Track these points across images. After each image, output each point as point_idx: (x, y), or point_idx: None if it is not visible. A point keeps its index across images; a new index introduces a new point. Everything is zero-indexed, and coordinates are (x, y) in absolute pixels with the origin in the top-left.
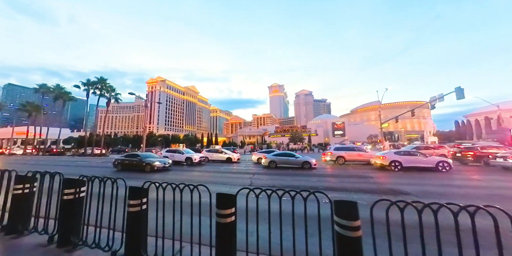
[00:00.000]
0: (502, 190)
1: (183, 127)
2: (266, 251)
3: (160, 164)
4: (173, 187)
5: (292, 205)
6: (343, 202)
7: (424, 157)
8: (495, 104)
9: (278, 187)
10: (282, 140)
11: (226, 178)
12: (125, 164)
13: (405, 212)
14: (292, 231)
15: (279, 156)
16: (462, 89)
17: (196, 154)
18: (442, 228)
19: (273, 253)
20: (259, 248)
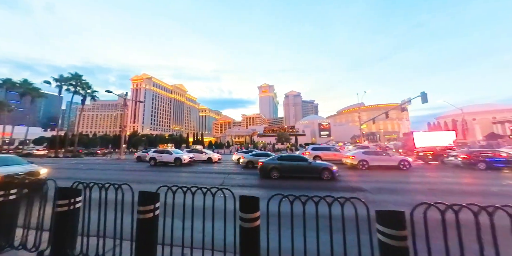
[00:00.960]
0: (441, 185)
1: (170, 126)
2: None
3: None
4: (115, 187)
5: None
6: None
7: (388, 156)
8: (459, 108)
9: (246, 185)
10: (270, 140)
11: (199, 178)
12: None
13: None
14: (207, 224)
15: (256, 156)
16: (425, 94)
17: (186, 154)
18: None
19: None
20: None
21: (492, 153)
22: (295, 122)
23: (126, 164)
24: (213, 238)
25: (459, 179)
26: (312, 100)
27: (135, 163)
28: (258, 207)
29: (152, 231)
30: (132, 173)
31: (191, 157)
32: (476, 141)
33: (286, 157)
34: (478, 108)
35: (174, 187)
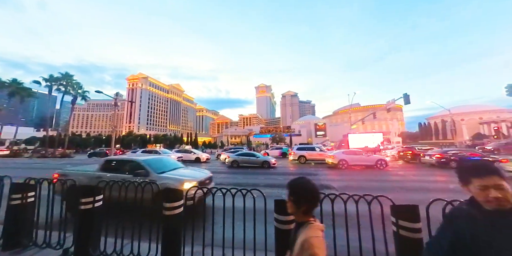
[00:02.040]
0: (406, 183)
1: (166, 127)
2: None
3: None
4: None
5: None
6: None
7: (367, 156)
8: (447, 109)
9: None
10: (266, 140)
11: None
12: None
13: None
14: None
15: (242, 156)
16: (408, 95)
17: (174, 154)
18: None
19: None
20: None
21: (464, 153)
22: (291, 122)
23: None
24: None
25: (426, 177)
26: (309, 101)
27: None
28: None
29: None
30: None
31: (178, 156)
32: (463, 141)
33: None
34: (466, 109)
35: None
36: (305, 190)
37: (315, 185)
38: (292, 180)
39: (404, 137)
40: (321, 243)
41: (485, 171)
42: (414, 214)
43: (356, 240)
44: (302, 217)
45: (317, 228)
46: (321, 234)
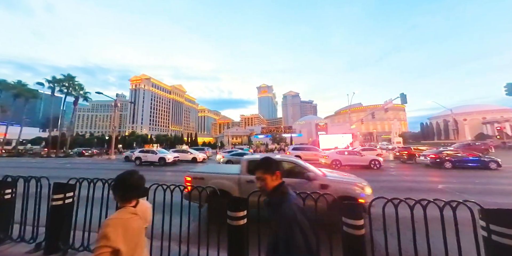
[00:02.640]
0: (395, 183)
1: (169, 127)
2: None
3: None
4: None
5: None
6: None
7: (360, 156)
8: (449, 109)
9: None
10: (266, 141)
11: (172, 176)
12: None
13: None
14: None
15: (236, 156)
16: (405, 95)
17: (170, 154)
18: None
19: None
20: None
21: (457, 153)
22: (293, 122)
23: (112, 164)
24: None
25: (416, 177)
26: (311, 101)
27: (122, 163)
28: None
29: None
30: (113, 172)
31: (175, 156)
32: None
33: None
34: (469, 109)
35: None
36: (119, 179)
37: (134, 177)
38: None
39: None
40: (116, 224)
41: (256, 166)
42: (356, 211)
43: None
44: (119, 202)
45: (126, 211)
46: (126, 216)
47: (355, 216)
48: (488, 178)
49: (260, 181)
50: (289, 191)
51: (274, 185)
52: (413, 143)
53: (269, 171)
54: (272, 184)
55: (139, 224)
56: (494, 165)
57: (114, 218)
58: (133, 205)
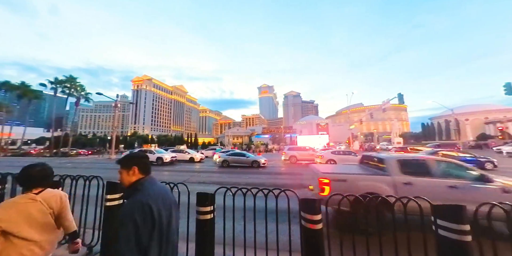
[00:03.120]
0: None
1: (170, 127)
2: None
3: None
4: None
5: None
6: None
7: (355, 156)
8: (450, 109)
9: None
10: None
11: (170, 176)
12: None
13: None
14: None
15: (232, 156)
16: (402, 95)
17: (168, 154)
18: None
19: None
20: None
21: (450, 154)
22: (294, 122)
23: (111, 163)
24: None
25: None
26: (312, 101)
27: None
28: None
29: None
30: (110, 171)
31: (172, 156)
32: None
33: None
34: (471, 109)
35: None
36: (21, 170)
37: (35, 169)
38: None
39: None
40: (8, 206)
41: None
42: (314, 207)
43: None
44: (22, 189)
45: (24, 197)
46: (22, 200)
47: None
48: None
49: (119, 176)
50: (144, 188)
51: (130, 180)
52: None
53: (125, 166)
54: (128, 179)
55: (39, 209)
56: (490, 165)
57: (8, 201)
58: (35, 192)
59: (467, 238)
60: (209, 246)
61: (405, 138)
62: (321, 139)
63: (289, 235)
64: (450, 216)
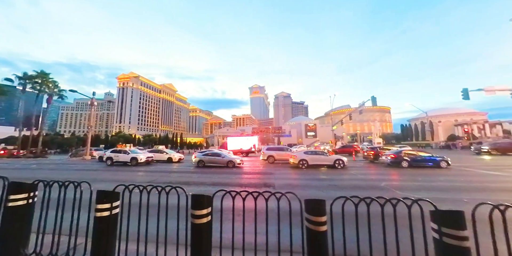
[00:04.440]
0: (342, 181)
1: (158, 127)
2: None
3: None
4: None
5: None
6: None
7: (326, 156)
8: (424, 112)
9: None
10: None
11: (133, 176)
12: None
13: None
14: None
15: (207, 156)
16: (375, 98)
17: (143, 154)
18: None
19: None
20: None
21: (414, 153)
22: (284, 123)
23: (83, 164)
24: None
25: (369, 176)
26: (302, 102)
27: (94, 163)
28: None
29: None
30: (78, 172)
31: (148, 156)
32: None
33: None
34: (443, 112)
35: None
36: None
37: None
38: None
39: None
40: None
41: None
42: (319, 208)
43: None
44: None
45: None
46: None
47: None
48: (431, 176)
49: None
50: None
51: None
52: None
53: None
54: None
55: None
56: (445, 164)
57: None
58: None
59: (467, 244)
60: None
61: (386, 138)
62: (249, 140)
63: (278, 236)
64: (451, 223)
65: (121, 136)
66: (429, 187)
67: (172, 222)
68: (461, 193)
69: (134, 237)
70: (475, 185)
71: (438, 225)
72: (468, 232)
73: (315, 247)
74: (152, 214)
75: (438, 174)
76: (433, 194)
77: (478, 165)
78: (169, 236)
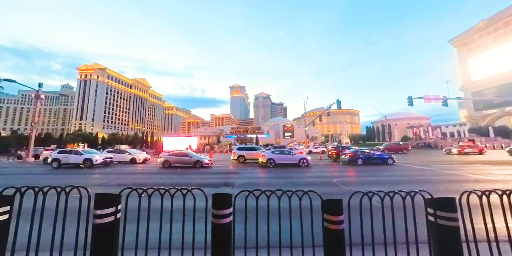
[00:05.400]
0: (300, 179)
1: (129, 125)
2: None
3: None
4: None
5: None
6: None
7: (292, 155)
8: (384, 115)
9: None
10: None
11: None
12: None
13: None
14: None
15: (174, 156)
16: (339, 101)
17: (100, 155)
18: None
19: None
20: None
21: (367, 151)
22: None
23: (21, 168)
24: None
25: (327, 173)
26: (281, 103)
27: (38, 166)
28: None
29: None
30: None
31: (105, 157)
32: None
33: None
34: (399, 116)
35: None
36: None
37: None
38: None
39: (356, 138)
40: None
41: None
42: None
43: None
44: None
45: None
46: None
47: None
48: (378, 172)
49: None
50: None
51: None
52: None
53: None
54: None
55: None
56: (391, 161)
57: None
58: None
59: (457, 224)
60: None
61: (354, 139)
62: (185, 141)
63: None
64: (446, 207)
65: (79, 134)
66: (370, 182)
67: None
68: (394, 186)
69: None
70: (407, 178)
71: (433, 209)
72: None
73: (217, 242)
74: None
75: (384, 170)
76: (373, 187)
77: (416, 162)
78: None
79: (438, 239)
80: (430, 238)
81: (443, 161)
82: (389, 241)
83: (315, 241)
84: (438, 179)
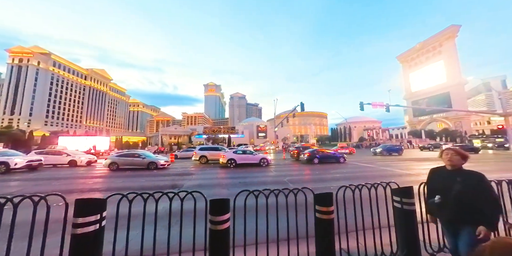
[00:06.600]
0: (259, 178)
1: (82, 122)
2: None
3: None
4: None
5: None
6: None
7: (253, 155)
8: (345, 118)
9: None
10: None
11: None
12: None
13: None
14: None
15: (123, 157)
16: (303, 104)
17: (23, 157)
18: None
19: None
20: None
21: (323, 151)
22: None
23: None
24: None
25: (283, 172)
26: (256, 104)
27: None
28: None
29: None
30: None
31: (31, 160)
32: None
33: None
34: (357, 119)
35: None
36: None
37: None
38: None
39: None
40: None
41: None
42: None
43: None
44: None
45: None
46: None
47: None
48: (329, 170)
49: None
50: None
51: None
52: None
53: None
54: None
55: None
56: (342, 160)
57: None
58: None
59: (414, 208)
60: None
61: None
62: (87, 141)
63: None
64: (406, 194)
65: (4, 132)
66: (317, 179)
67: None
68: (335, 182)
69: None
70: (349, 175)
71: (400, 197)
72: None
73: (216, 247)
74: None
75: (335, 168)
76: (317, 184)
77: (363, 160)
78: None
79: (403, 222)
80: (396, 221)
81: (385, 159)
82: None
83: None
84: (374, 175)
